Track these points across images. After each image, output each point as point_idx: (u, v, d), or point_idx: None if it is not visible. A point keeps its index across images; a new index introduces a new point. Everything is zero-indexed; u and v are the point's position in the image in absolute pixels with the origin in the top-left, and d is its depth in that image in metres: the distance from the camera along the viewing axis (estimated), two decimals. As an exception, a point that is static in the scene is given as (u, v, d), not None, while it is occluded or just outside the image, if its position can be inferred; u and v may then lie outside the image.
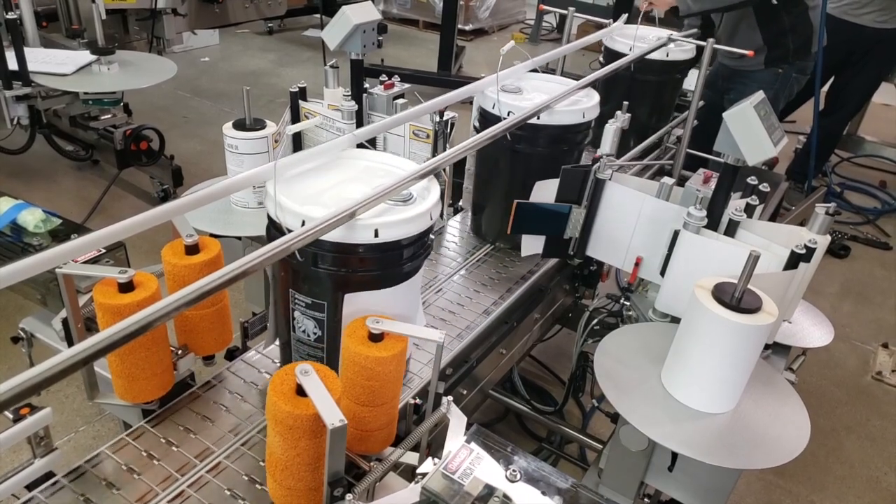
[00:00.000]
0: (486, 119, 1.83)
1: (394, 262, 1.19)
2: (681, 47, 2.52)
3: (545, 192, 1.67)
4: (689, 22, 3.17)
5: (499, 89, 1.79)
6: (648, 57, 2.33)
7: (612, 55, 2.53)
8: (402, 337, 1.10)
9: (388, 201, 1.16)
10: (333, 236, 1.08)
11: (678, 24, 3.02)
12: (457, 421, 1.16)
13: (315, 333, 1.24)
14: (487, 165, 1.97)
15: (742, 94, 2.96)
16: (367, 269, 1.18)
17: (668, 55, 2.52)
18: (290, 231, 1.01)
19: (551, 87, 1.93)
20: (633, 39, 2.50)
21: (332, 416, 0.91)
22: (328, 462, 0.96)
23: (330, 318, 1.22)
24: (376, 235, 1.11)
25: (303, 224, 1.07)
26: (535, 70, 2.03)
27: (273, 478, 1.04)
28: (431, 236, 1.27)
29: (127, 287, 1.14)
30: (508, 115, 1.73)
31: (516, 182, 1.86)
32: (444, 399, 1.18)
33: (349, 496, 0.99)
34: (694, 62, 2.65)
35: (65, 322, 1.28)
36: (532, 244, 1.78)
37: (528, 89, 1.92)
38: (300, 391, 0.95)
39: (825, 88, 4.14)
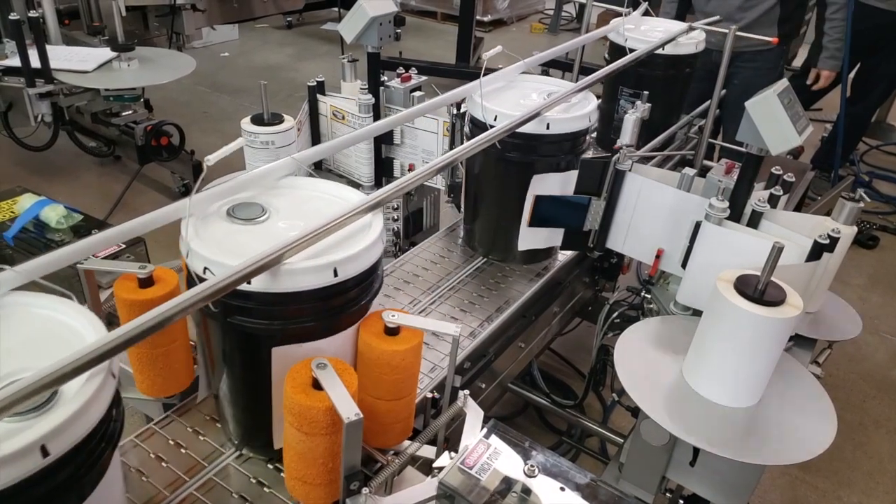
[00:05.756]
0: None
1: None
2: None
3: (544, 185, 1.64)
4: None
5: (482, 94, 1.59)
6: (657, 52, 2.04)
7: (617, 50, 2.22)
8: (418, 331, 1.08)
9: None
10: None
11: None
12: (473, 415, 1.15)
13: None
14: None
15: (750, 77, 2.88)
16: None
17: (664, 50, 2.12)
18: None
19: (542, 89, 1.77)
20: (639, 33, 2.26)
21: (349, 410, 0.90)
22: (344, 455, 0.96)
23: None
24: None
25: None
26: (548, 63, 1.95)
27: (290, 472, 1.04)
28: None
29: (147, 282, 1.14)
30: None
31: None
32: (461, 393, 1.17)
33: (365, 489, 0.99)
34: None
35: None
36: (531, 238, 1.73)
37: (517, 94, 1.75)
38: (316, 384, 0.95)
39: (851, 75, 4.05)
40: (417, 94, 2.04)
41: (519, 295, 1.73)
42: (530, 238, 1.76)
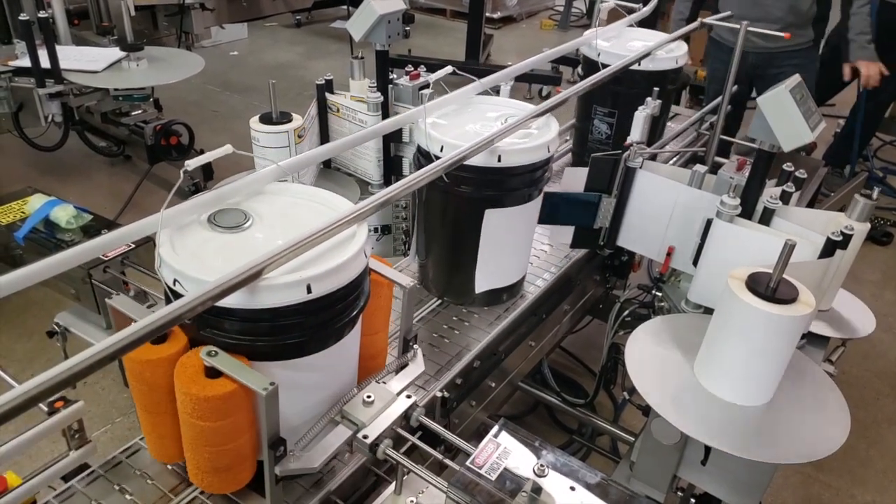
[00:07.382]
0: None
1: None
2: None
3: (498, 221, 1.49)
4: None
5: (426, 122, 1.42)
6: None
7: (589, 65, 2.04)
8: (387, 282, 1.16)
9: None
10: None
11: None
12: (413, 368, 1.25)
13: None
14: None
15: (794, 74, 2.81)
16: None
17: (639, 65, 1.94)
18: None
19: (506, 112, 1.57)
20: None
21: (261, 383, 0.90)
22: (266, 425, 0.94)
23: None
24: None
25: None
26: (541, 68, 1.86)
27: (199, 467, 1.01)
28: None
29: (159, 337, 0.97)
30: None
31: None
32: (413, 347, 1.26)
33: (291, 451, 1.01)
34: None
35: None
36: (488, 278, 1.58)
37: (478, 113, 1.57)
38: (210, 373, 0.93)
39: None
40: (426, 91, 2.03)
41: (529, 294, 1.72)
42: (488, 278, 1.59)
